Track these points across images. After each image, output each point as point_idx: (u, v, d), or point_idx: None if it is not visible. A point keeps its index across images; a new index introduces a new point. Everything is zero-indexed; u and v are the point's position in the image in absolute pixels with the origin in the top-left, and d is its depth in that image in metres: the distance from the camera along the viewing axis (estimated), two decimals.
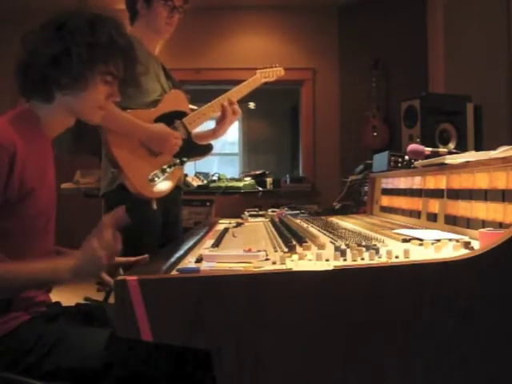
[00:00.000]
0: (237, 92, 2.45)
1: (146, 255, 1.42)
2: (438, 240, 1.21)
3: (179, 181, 2.33)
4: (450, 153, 1.72)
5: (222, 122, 2.39)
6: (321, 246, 1.23)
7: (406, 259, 1.04)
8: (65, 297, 1.51)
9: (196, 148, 2.35)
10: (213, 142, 2.48)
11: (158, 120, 2.20)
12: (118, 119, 2.06)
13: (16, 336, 1.25)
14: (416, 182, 1.81)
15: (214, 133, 2.44)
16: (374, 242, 1.24)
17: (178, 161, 2.24)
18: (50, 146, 1.47)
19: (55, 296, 1.47)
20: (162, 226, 2.26)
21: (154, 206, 2.15)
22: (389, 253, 1.07)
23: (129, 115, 2.11)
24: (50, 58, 1.31)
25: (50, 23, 1.36)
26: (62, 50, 1.31)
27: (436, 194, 1.61)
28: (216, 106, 2.38)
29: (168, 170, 2.19)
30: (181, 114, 2.29)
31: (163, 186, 2.18)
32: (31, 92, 1.38)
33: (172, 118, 2.25)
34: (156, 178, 2.15)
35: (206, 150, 2.41)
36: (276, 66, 2.59)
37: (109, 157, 2.12)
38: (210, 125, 2.52)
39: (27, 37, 1.37)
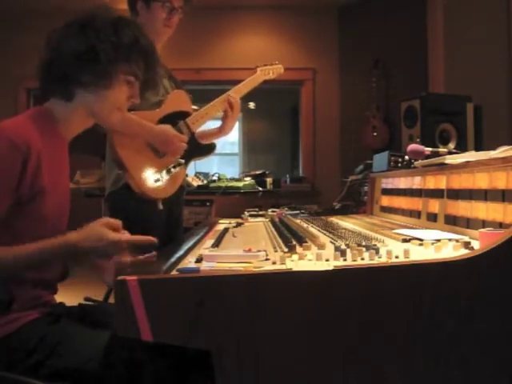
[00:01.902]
0: (239, 90, 2.44)
1: (154, 252, 1.40)
2: (438, 240, 1.21)
3: (183, 181, 2.34)
4: (450, 153, 1.72)
5: (226, 120, 2.38)
6: (321, 246, 1.23)
7: (406, 259, 1.04)
8: (66, 297, 1.51)
9: (200, 148, 2.34)
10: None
11: (161, 121, 2.20)
12: (124, 120, 2.04)
13: (19, 336, 1.25)
14: (416, 182, 1.81)
15: (220, 130, 2.42)
16: (374, 242, 1.24)
17: (182, 161, 2.23)
18: (66, 148, 1.47)
19: (57, 296, 1.47)
20: (164, 225, 2.26)
21: (160, 207, 2.15)
22: (389, 253, 1.07)
23: (134, 116, 2.09)
24: (75, 55, 1.32)
25: (73, 22, 1.37)
26: (86, 47, 1.32)
27: (436, 193, 1.61)
28: (218, 104, 2.37)
29: (173, 170, 2.19)
30: (184, 115, 2.28)
31: (168, 186, 2.18)
32: (52, 90, 1.38)
33: (175, 119, 2.24)
34: (161, 179, 2.14)
35: (209, 149, 2.41)
36: (276, 64, 2.57)
37: (114, 158, 2.11)
38: (211, 124, 2.51)
39: (51, 35, 1.37)
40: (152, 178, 2.11)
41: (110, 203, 2.28)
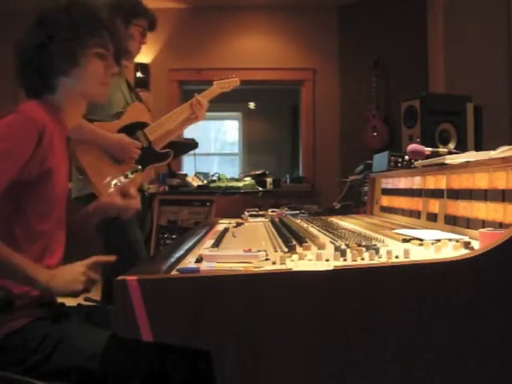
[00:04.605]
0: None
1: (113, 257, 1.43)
2: (438, 240, 1.21)
3: (140, 185, 2.54)
4: (450, 153, 1.72)
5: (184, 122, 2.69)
6: (321, 246, 1.23)
7: (406, 259, 1.04)
8: (65, 297, 1.51)
9: (156, 155, 2.59)
10: (213, 142, 2.58)
11: (120, 130, 2.44)
12: (83, 129, 2.26)
13: (20, 336, 1.26)
14: (416, 182, 1.81)
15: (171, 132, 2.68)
16: (374, 242, 1.24)
17: (139, 167, 2.45)
18: (66, 136, 1.52)
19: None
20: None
21: None
22: (389, 253, 1.07)
23: (93, 126, 2.33)
24: (38, 49, 1.37)
25: (32, 25, 1.42)
26: (46, 37, 1.37)
27: (436, 193, 1.61)
28: (175, 116, 2.64)
29: (130, 175, 2.38)
30: (142, 125, 2.53)
31: None
32: (34, 89, 1.43)
33: (134, 129, 2.50)
34: (119, 184, 2.33)
35: (165, 156, 2.63)
36: (232, 77, 2.91)
37: (76, 164, 2.34)
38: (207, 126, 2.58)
39: (17, 43, 1.43)
40: (110, 183, 2.32)
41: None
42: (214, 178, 4.32)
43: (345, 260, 1.05)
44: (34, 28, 1.40)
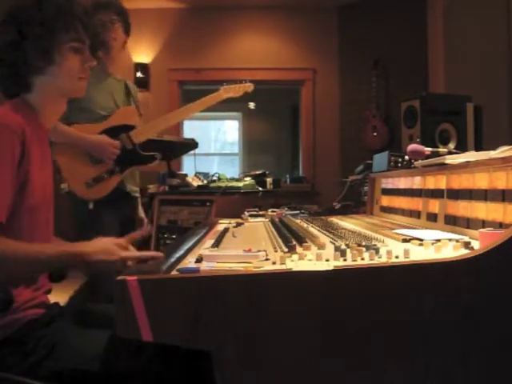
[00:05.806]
0: (198, 105, 2.74)
1: (161, 254, 1.38)
2: (438, 240, 1.21)
3: (118, 186, 2.55)
4: (450, 153, 1.72)
5: None
6: (321, 246, 1.23)
7: (406, 259, 1.04)
8: (62, 297, 1.51)
9: (140, 158, 2.59)
10: (213, 142, 2.59)
11: (103, 132, 2.47)
12: (60, 132, 2.33)
13: (15, 338, 1.25)
14: (416, 182, 1.81)
15: None
16: (374, 242, 1.24)
17: (117, 168, 2.50)
18: (48, 137, 1.49)
19: (54, 296, 1.47)
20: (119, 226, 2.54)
21: (90, 206, 2.45)
22: (389, 253, 1.07)
23: (71, 128, 2.40)
24: (11, 46, 1.34)
25: (3, 21, 1.38)
26: (18, 34, 1.34)
27: (436, 193, 1.61)
28: (171, 118, 2.69)
29: (105, 176, 2.48)
30: (128, 128, 2.54)
31: (100, 189, 2.48)
32: (10, 88, 1.40)
33: (118, 131, 2.51)
34: (93, 183, 2.45)
35: (150, 159, 2.63)
36: (245, 82, 2.85)
37: (54, 163, 2.40)
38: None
39: None
40: (84, 182, 2.43)
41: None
42: (214, 178, 4.32)
43: (345, 260, 1.05)
44: (5, 25, 1.36)
